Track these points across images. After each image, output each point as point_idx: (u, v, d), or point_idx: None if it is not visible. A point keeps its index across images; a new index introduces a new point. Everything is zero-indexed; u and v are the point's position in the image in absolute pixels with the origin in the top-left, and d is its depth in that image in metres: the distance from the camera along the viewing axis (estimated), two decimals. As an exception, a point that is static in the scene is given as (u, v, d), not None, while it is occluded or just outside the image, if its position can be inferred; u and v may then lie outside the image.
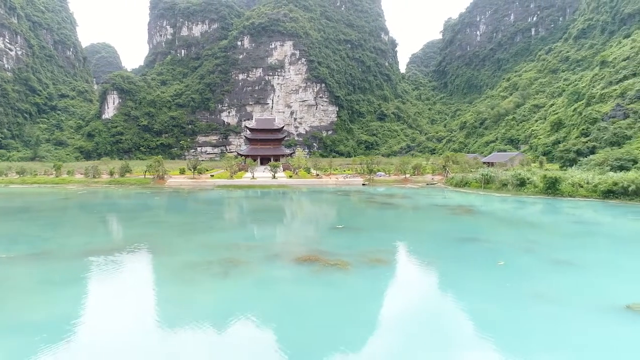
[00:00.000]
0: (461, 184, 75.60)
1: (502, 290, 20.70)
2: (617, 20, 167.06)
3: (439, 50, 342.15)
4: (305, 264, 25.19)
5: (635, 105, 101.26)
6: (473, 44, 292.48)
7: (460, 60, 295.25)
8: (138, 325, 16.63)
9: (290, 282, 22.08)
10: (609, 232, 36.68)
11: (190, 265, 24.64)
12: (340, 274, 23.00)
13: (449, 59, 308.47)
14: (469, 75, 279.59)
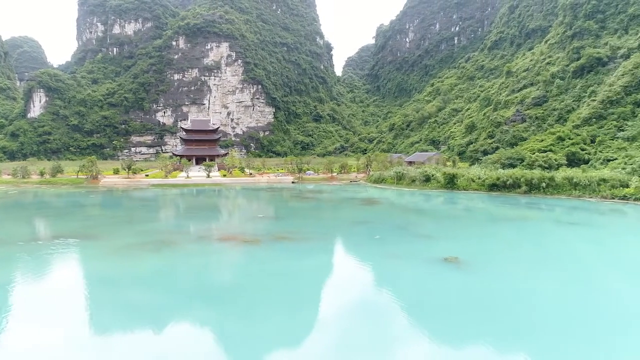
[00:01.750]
0: (379, 181, 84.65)
1: (370, 252, 28.30)
2: (523, 34, 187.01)
3: (372, 54, 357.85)
4: (225, 241, 31.54)
5: (531, 111, 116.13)
6: (403, 50, 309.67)
7: (391, 65, 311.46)
8: (86, 284, 22.24)
9: (211, 253, 28.38)
10: (472, 215, 46.18)
11: (128, 245, 30.08)
12: (252, 246, 29.63)
13: (381, 63, 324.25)
14: (399, 80, 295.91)
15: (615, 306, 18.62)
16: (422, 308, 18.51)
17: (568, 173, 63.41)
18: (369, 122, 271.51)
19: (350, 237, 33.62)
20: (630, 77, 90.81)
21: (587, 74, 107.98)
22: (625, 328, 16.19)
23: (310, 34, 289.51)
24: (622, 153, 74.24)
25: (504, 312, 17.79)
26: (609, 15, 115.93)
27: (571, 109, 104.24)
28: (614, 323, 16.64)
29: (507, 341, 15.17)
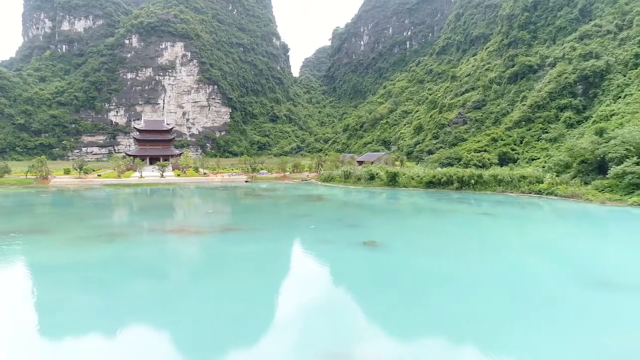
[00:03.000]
0: (328, 179, 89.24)
1: (303, 239, 32.45)
2: (468, 40, 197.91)
3: (328, 56, 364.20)
4: (174, 233, 34.77)
5: (471, 113, 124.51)
6: (358, 53, 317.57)
7: (347, 67, 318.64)
8: (37, 270, 25.09)
9: (160, 242, 31.59)
10: (403, 208, 51.42)
11: (81, 237, 32.71)
12: (199, 237, 33.08)
13: (337, 65, 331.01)
14: (354, 82, 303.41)
15: (495, 275, 23.65)
16: (340, 276, 22.83)
17: (494, 171, 70.36)
18: (325, 123, 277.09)
19: (289, 227, 37.65)
20: (555, 84, 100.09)
21: (520, 80, 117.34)
22: (499, 288, 21.09)
23: (266, 34, 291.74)
24: (544, 153, 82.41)
25: (403, 280, 22.31)
26: (539, 27, 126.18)
27: (506, 112, 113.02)
28: (493, 286, 21.54)
29: (402, 300, 19.62)
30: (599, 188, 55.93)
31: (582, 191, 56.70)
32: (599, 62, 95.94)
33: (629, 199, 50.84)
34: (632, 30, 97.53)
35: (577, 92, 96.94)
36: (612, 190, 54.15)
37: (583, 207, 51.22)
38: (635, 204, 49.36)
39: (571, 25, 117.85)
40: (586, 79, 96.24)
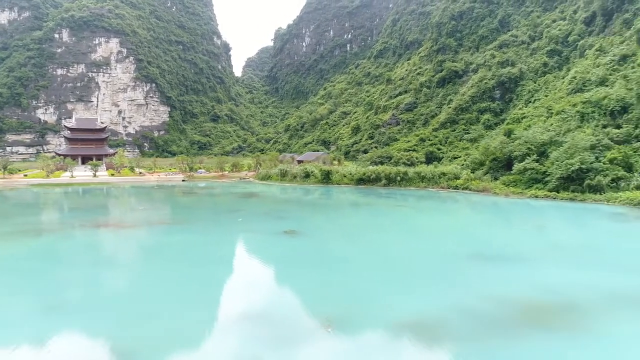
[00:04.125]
0: (265, 178, 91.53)
1: (230, 229, 34.72)
2: (403, 45, 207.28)
3: (271, 56, 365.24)
4: (102, 227, 35.85)
5: (404, 115, 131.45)
6: (300, 54, 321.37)
7: (289, 67, 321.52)
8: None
9: (88, 235, 32.69)
10: (330, 203, 54.95)
11: (6, 233, 33.04)
12: (127, 230, 34.44)
13: (280, 65, 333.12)
14: (296, 82, 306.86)
15: (396, 254, 27.29)
16: (257, 258, 25.49)
17: (418, 169, 75.92)
18: (268, 123, 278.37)
19: (219, 221, 39.77)
20: (477, 89, 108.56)
21: (447, 84, 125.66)
22: (397, 264, 24.61)
23: (207, 33, 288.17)
24: (465, 152, 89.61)
25: (313, 260, 25.28)
26: (464, 35, 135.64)
27: (434, 114, 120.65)
28: (393, 262, 25.05)
29: (316, 277, 22.55)
30: (505, 183, 62.44)
31: (492, 185, 63.09)
32: (514, 70, 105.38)
33: (528, 192, 57.40)
34: (542, 41, 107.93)
35: (495, 96, 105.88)
36: (516, 184, 60.73)
37: (490, 200, 57.19)
38: (533, 196, 55.89)
39: (492, 34, 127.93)
40: (503, 85, 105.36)
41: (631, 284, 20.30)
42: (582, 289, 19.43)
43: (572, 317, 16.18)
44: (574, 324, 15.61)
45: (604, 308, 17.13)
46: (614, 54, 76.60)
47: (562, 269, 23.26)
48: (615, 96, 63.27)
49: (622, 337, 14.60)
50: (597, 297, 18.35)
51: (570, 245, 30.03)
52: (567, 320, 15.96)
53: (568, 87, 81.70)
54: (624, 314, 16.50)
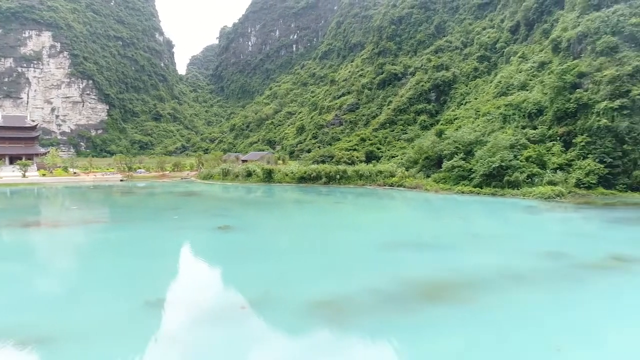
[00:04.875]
0: (207, 177, 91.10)
1: (165, 226, 35.08)
2: (347, 47, 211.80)
3: (216, 55, 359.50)
4: (32, 227, 35.05)
5: (346, 115, 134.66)
6: (246, 53, 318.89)
7: (234, 66, 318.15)
8: None
9: (15, 234, 31.96)
10: (268, 200, 56.20)
11: None
12: (58, 229, 33.94)
13: (225, 64, 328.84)
14: (242, 82, 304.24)
15: (323, 244, 28.99)
16: (190, 252, 26.28)
17: (357, 167, 78.79)
18: (213, 123, 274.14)
19: (154, 218, 39.87)
20: (414, 91, 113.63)
21: (387, 86, 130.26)
22: (321, 252, 26.27)
23: (148, 29, 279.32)
24: (402, 151, 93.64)
25: (246, 252, 26.43)
26: (403, 39, 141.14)
27: (375, 115, 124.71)
28: (318, 251, 26.66)
29: (243, 266, 23.69)
30: (436, 180, 66.45)
31: (424, 182, 66.90)
32: (448, 73, 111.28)
33: (455, 188, 61.53)
34: (473, 47, 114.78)
35: (431, 98, 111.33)
36: (445, 181, 64.84)
37: (422, 195, 60.75)
38: (460, 192, 60.01)
39: (429, 39, 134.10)
40: (438, 88, 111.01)
41: (523, 265, 23.21)
42: (482, 270, 22.02)
43: (466, 292, 18.54)
44: (465, 297, 17.94)
45: (493, 284, 19.68)
46: (533, 61, 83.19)
47: (470, 254, 25.98)
48: (533, 100, 69.03)
49: (501, 305, 17.07)
50: (491, 276, 20.95)
51: (482, 234, 33.20)
52: (461, 295, 18.28)
53: (494, 90, 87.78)
54: (508, 288, 19.13)
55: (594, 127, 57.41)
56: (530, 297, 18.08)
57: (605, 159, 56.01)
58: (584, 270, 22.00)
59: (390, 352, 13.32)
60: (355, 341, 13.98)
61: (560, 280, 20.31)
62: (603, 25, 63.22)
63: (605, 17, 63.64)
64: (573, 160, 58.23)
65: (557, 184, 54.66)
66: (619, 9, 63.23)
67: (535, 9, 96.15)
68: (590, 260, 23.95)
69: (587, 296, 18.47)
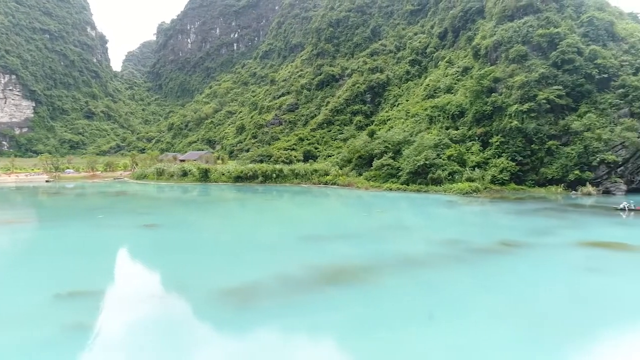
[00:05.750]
0: (141, 177, 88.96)
1: (90, 224, 34.70)
2: (288, 47, 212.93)
3: (154, 51, 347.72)
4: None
5: (286, 115, 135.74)
6: (185, 50, 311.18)
7: (173, 64, 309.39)
8: None
9: None
10: (200, 199, 56.44)
11: None
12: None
13: (163, 61, 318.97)
14: (182, 80, 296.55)
15: (244, 237, 30.10)
16: (111, 248, 26.47)
17: (293, 166, 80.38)
18: (150, 121, 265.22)
19: (79, 218, 39.11)
20: (350, 92, 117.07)
21: (325, 87, 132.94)
22: (243, 244, 27.36)
23: (79, 22, 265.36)
24: (338, 151, 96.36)
25: (168, 247, 27.01)
26: (341, 41, 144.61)
27: (314, 115, 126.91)
28: (240, 243, 27.69)
29: (161, 259, 24.28)
30: (367, 178, 69.42)
31: (356, 180, 69.68)
32: (382, 76, 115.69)
33: (384, 185, 64.73)
34: (405, 51, 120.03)
35: (366, 99, 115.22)
36: (376, 178, 67.93)
37: (354, 193, 63.32)
38: (388, 189, 63.24)
39: (365, 42, 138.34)
40: (373, 89, 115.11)
41: (423, 251, 25.72)
42: (385, 256, 24.20)
43: (364, 275, 20.51)
44: (362, 279, 19.90)
45: (391, 268, 21.84)
46: (458, 66, 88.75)
47: (379, 243, 28.21)
48: (456, 102, 73.94)
49: (391, 284, 19.16)
50: (392, 261, 23.14)
51: (397, 226, 35.80)
52: (359, 277, 20.23)
53: (423, 93, 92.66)
54: (403, 271, 21.36)
55: (507, 128, 62.63)
56: (420, 277, 20.38)
57: (517, 158, 61.31)
58: (474, 253, 24.81)
59: (285, 326, 14.82)
60: (256, 319, 15.35)
61: (451, 263, 22.88)
62: (515, 35, 69.07)
63: (517, 28, 69.56)
64: (489, 159, 63.15)
65: (475, 181, 59.17)
66: (529, 21, 69.35)
67: (460, 17, 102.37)
68: (482, 245, 26.93)
69: (468, 274, 21.06)
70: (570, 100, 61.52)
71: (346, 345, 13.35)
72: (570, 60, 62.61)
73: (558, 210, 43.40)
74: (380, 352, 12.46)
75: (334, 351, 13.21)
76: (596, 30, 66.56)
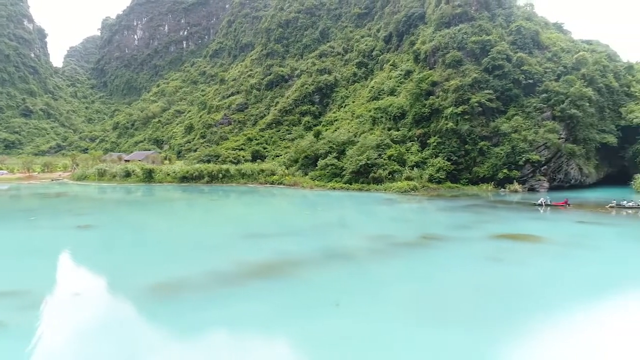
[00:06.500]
0: (82, 178, 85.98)
1: (21, 226, 33.81)
2: (238, 47, 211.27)
3: (98, 47, 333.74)
4: None
5: (235, 115, 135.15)
6: (131, 47, 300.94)
7: (119, 61, 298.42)
8: None
9: None
10: (141, 200, 55.84)
11: None
12: None
13: (108, 58, 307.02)
14: (128, 77, 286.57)
15: (186, 236, 30.51)
16: (44, 248, 26.14)
17: (240, 166, 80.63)
18: (94, 120, 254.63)
19: (8, 219, 37.89)
20: (299, 93, 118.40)
21: (274, 87, 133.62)
22: (185, 243, 27.76)
23: (14, 15, 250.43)
24: (285, 151, 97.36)
25: (100, 247, 27.03)
26: (290, 42, 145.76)
27: (263, 115, 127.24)
28: (174, 246, 28.07)
29: (91, 259, 24.30)
30: (312, 177, 70.93)
31: (301, 180, 71.01)
32: (330, 77, 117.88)
33: (328, 184, 66.50)
34: (353, 54, 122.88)
35: (314, 100, 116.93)
36: (321, 178, 69.56)
37: (300, 192, 64.57)
38: (332, 188, 65.02)
39: (314, 44, 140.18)
40: (321, 90, 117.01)
41: (351, 245, 27.31)
42: (313, 252, 25.55)
43: (290, 269, 21.74)
44: (287, 273, 21.12)
45: (317, 262, 23.23)
46: (401, 69, 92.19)
47: (312, 239, 29.56)
48: (397, 104, 76.98)
49: (311, 277, 20.53)
50: (319, 256, 24.53)
51: (332, 223, 37.35)
52: (285, 271, 21.43)
53: (368, 95, 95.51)
54: (326, 264, 22.80)
55: (443, 130, 66.10)
56: (342, 270, 21.88)
57: (452, 157, 64.89)
58: (398, 247, 26.70)
59: (204, 316, 15.71)
60: (177, 311, 16.16)
61: (374, 256, 24.60)
62: (451, 41, 72.88)
63: (453, 34, 73.42)
64: (427, 159, 66.40)
65: (413, 180, 62.09)
66: (463, 28, 73.39)
67: (404, 22, 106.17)
68: (407, 239, 28.93)
69: (387, 266, 22.79)
70: (500, 103, 65.87)
71: (259, 331, 14.48)
72: (500, 66, 66.99)
73: (485, 207, 46.62)
74: (285, 336, 13.71)
75: (248, 336, 14.30)
76: (523, 38, 71.51)
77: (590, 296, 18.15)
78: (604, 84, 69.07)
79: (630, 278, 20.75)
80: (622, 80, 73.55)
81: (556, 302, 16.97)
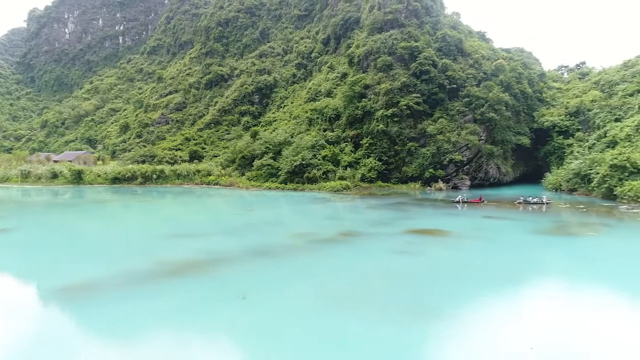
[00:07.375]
0: (3, 180, 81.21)
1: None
2: (177, 44, 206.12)
3: (25, 40, 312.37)
4: None
5: (173, 114, 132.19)
6: (62, 41, 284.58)
7: (48, 55, 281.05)
8: None
9: None
10: (66, 202, 54.03)
11: None
12: None
13: (36, 52, 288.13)
14: (58, 73, 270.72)
15: (101, 240, 30.22)
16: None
17: (175, 167, 79.63)
18: (20, 118, 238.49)
19: None
20: (239, 93, 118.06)
21: (214, 86, 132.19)
22: (113, 244, 27.55)
23: None
24: (224, 151, 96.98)
25: (17, 252, 26.30)
26: (230, 41, 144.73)
27: (202, 115, 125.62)
28: (93, 247, 27.81)
29: (7, 262, 23.72)
30: (249, 178, 71.55)
31: (238, 180, 71.40)
32: (269, 78, 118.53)
33: (264, 185, 67.41)
34: (292, 55, 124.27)
35: (254, 100, 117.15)
36: (257, 178, 70.34)
37: (234, 192, 64.93)
38: (268, 188, 66.00)
39: (254, 44, 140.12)
40: (261, 90, 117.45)
41: (273, 243, 28.47)
42: (234, 250, 26.43)
43: (207, 268, 22.49)
44: (203, 271, 21.88)
45: (236, 260, 24.12)
46: (338, 72, 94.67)
47: (235, 238, 30.42)
48: (332, 106, 79.18)
49: (226, 274, 21.47)
50: (239, 254, 25.44)
51: (262, 222, 38.33)
52: (201, 269, 22.15)
53: (306, 96, 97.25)
54: (244, 262, 23.81)
55: (375, 131, 68.98)
56: (256, 266, 22.96)
57: (383, 158, 67.96)
58: (316, 243, 28.19)
59: (111, 311, 16.22)
60: (85, 308, 16.56)
61: (291, 252, 25.90)
62: (382, 46, 76.08)
63: (384, 40, 76.68)
64: (360, 159, 69.05)
65: (346, 179, 64.43)
66: (394, 34, 76.86)
67: (341, 25, 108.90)
68: (326, 236, 30.51)
69: (300, 261, 24.17)
70: (426, 107, 69.74)
71: (163, 324, 15.30)
72: (426, 71, 70.88)
73: (410, 204, 49.48)
74: (182, 329, 14.66)
75: (153, 328, 15.07)
76: (448, 46, 76.05)
77: (473, 282, 20.41)
78: (519, 89, 75.07)
79: (512, 266, 23.42)
80: (535, 87, 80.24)
81: (439, 288, 19.06)
